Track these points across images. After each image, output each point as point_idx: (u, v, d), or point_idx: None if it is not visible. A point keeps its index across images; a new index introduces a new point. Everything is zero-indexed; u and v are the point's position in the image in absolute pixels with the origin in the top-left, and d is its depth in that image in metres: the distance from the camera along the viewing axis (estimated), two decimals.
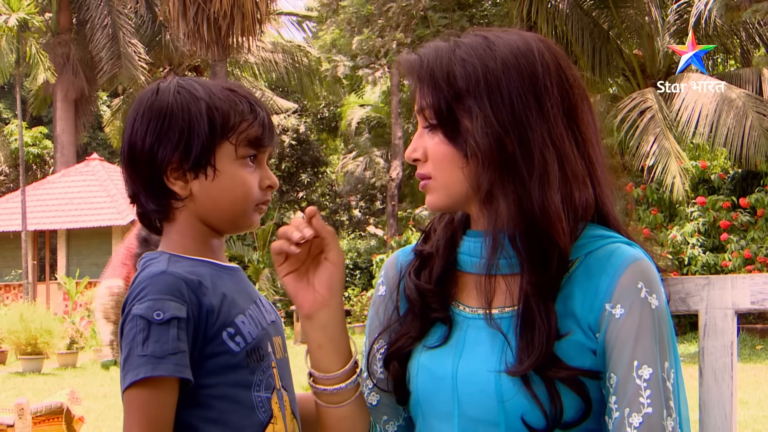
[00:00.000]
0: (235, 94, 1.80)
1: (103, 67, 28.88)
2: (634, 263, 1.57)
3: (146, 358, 1.61)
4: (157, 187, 1.77)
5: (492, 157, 1.58)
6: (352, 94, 36.96)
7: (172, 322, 1.64)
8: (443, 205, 1.68)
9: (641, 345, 1.53)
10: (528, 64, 1.60)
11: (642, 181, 17.10)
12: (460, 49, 1.63)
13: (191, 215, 1.79)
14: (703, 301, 1.82)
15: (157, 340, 1.62)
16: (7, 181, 37.41)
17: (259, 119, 1.79)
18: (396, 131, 28.69)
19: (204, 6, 22.59)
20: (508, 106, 1.58)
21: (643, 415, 1.50)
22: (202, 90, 1.78)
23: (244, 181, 1.78)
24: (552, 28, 18.32)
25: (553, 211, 1.57)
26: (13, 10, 24.53)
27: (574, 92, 1.65)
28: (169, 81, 1.81)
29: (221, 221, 1.80)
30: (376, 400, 1.82)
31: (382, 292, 1.85)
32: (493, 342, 1.62)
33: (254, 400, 1.74)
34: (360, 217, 39.63)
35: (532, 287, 1.58)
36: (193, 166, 1.75)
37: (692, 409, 1.61)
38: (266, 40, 30.97)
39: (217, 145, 1.75)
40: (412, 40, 21.50)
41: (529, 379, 1.55)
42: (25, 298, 24.42)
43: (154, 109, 1.77)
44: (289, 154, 37.53)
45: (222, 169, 1.76)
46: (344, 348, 1.77)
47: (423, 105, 1.64)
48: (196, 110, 1.75)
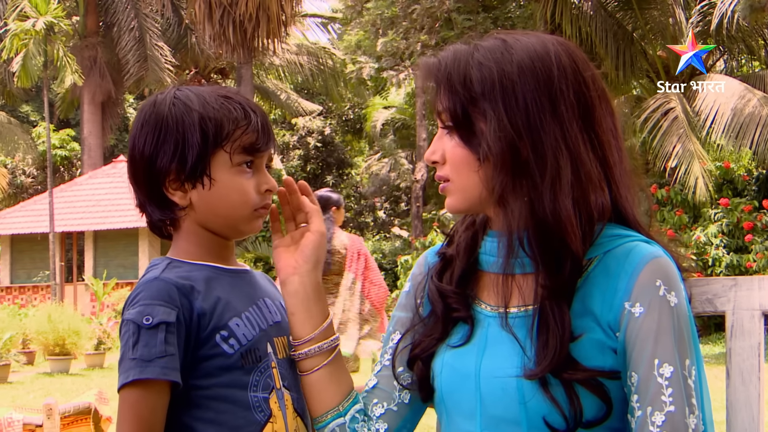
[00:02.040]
0: (229, 101, 1.82)
1: (129, 69, 29.03)
2: (652, 261, 1.58)
3: (135, 362, 1.66)
4: (159, 198, 1.82)
5: (505, 161, 1.59)
6: (377, 96, 36.88)
7: (161, 326, 1.68)
8: (461, 207, 1.70)
9: (661, 343, 1.53)
10: (544, 67, 1.61)
11: (666, 182, 17.03)
12: (479, 52, 1.64)
13: (193, 223, 1.83)
14: (730, 302, 1.82)
15: (146, 344, 1.67)
16: (35, 183, 37.65)
17: (253, 125, 1.81)
18: (420, 133, 28.64)
19: (230, 9, 22.68)
20: (522, 110, 1.59)
21: (665, 414, 1.51)
22: (197, 100, 1.80)
23: (240, 188, 1.81)
24: (576, 30, 18.21)
25: (564, 214, 1.57)
26: (41, 14, 24.58)
27: (592, 95, 1.64)
28: (167, 93, 1.85)
29: (222, 227, 1.83)
30: (373, 384, 1.85)
31: (407, 289, 1.87)
32: (514, 341, 1.63)
33: (251, 400, 1.77)
34: (385, 219, 39.50)
35: (545, 289, 1.59)
36: (189, 177, 1.79)
37: (719, 410, 1.60)
38: (291, 43, 31.05)
39: (212, 155, 1.78)
40: (437, 42, 21.50)
41: (547, 382, 1.56)
42: (52, 299, 24.59)
43: (150, 122, 1.81)
44: (314, 156, 37.55)
45: (218, 177, 1.79)
46: (316, 314, 1.82)
47: (441, 108, 1.66)
48: (189, 122, 1.78)
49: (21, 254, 29.09)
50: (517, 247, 1.61)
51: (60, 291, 25.81)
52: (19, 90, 30.03)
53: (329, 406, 1.82)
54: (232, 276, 1.86)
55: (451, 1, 21.08)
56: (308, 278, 1.83)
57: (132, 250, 27.20)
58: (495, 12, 23.82)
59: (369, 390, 1.85)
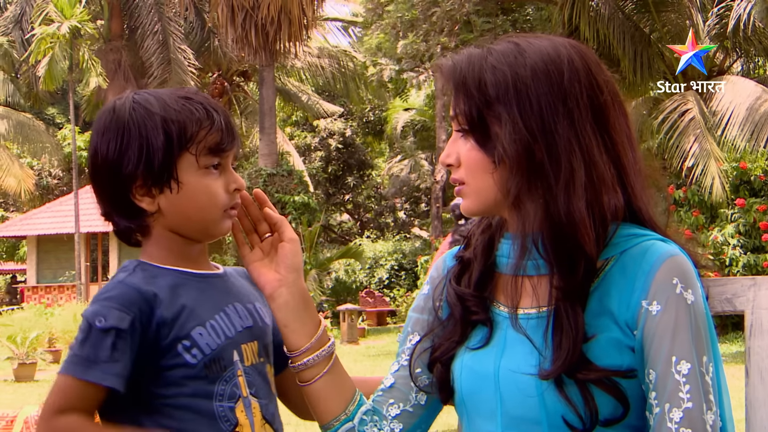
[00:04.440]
0: (190, 102, 1.78)
1: (153, 72, 29.02)
2: (669, 259, 1.58)
3: (80, 359, 1.66)
4: (126, 206, 1.78)
5: (520, 164, 1.59)
6: (397, 98, 36.91)
7: (111, 331, 1.66)
8: (476, 210, 1.70)
9: (678, 340, 1.54)
10: (557, 70, 1.61)
11: (683, 182, 17.08)
12: (492, 56, 1.64)
13: (163, 228, 1.80)
14: (749, 302, 1.81)
15: (94, 346, 1.66)
16: (61, 185, 38.01)
17: (217, 125, 1.78)
18: (440, 134, 28.71)
19: (252, 12, 22.74)
20: (536, 113, 1.59)
21: (683, 410, 1.51)
22: (157, 103, 1.77)
23: (209, 190, 1.78)
24: (594, 32, 18.22)
25: (578, 216, 1.57)
26: (66, 18, 24.76)
27: (605, 97, 1.64)
28: (125, 98, 1.81)
29: (192, 231, 1.81)
30: (390, 384, 1.84)
31: (426, 291, 1.87)
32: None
33: (216, 410, 1.76)
34: (405, 219, 39.59)
35: (559, 291, 1.59)
36: (156, 182, 1.75)
37: (737, 408, 1.61)
38: (313, 46, 31.11)
39: (178, 158, 1.75)
40: (456, 44, 21.56)
41: (562, 382, 1.56)
42: (78, 299, 24.92)
43: (112, 128, 1.77)
44: (336, 158, 37.67)
45: (185, 180, 1.76)
46: (309, 322, 1.82)
47: (456, 111, 1.66)
48: (152, 125, 1.74)
49: (47, 254, 29.43)
50: (531, 248, 1.62)
51: (85, 290, 26.08)
52: (45, 93, 30.20)
53: (336, 413, 1.82)
54: (201, 281, 1.83)
55: (471, 3, 21.18)
56: (295, 288, 1.83)
57: None
58: (514, 15, 23.91)
59: (385, 389, 1.85)
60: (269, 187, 23.58)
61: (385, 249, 30.37)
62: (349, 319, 20.28)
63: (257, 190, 1.88)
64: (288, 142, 34.75)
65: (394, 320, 25.56)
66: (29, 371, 14.34)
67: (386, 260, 29.39)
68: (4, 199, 39.97)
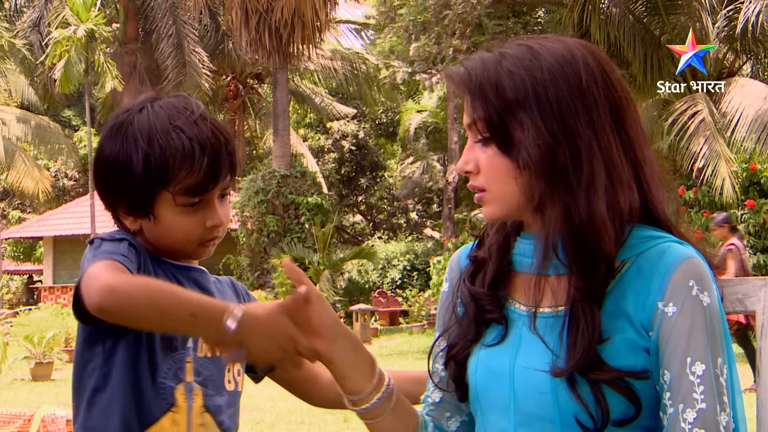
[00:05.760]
0: (179, 135, 1.80)
1: (168, 75, 29.25)
2: (685, 261, 1.57)
3: (100, 255, 1.70)
4: (115, 215, 1.90)
5: (543, 167, 1.59)
6: (410, 100, 36.96)
7: (124, 241, 1.77)
8: (500, 216, 1.68)
9: (694, 342, 1.53)
10: (574, 72, 1.61)
11: (693, 183, 17.13)
12: (506, 60, 1.63)
13: (145, 240, 1.88)
14: (760, 302, 1.80)
15: (110, 247, 1.74)
16: (77, 186, 38.25)
17: (197, 166, 1.79)
18: (452, 136, 28.86)
19: (265, 15, 22.86)
20: (557, 116, 1.58)
21: (697, 411, 1.51)
22: (146, 137, 1.80)
23: (182, 228, 1.84)
24: (605, 35, 18.23)
25: (599, 218, 1.57)
26: (82, 21, 24.84)
27: (620, 96, 1.64)
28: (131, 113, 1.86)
29: (168, 255, 1.89)
30: (439, 398, 1.84)
31: (446, 289, 1.87)
32: (548, 339, 1.64)
33: (158, 385, 1.81)
34: (417, 220, 39.68)
35: (578, 291, 1.59)
36: (136, 211, 1.84)
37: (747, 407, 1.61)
38: (326, 48, 31.08)
39: (156, 194, 1.81)
40: (468, 46, 21.67)
41: (575, 381, 1.56)
42: None
43: (102, 158, 1.86)
44: (349, 159, 37.78)
45: (161, 216, 1.82)
46: (366, 367, 1.73)
47: (475, 118, 1.64)
48: (136, 161, 1.79)
49: (63, 255, 29.63)
50: (552, 250, 1.61)
51: None
52: (61, 95, 30.41)
53: None
54: (180, 271, 1.90)
55: (482, 7, 21.29)
56: (348, 339, 1.72)
57: None
58: (525, 17, 24.03)
59: (436, 404, 1.85)
60: (283, 188, 23.72)
61: (397, 250, 30.38)
62: (362, 319, 20.35)
63: (286, 262, 1.70)
64: (302, 143, 34.87)
65: (406, 320, 25.64)
66: (46, 370, 14.41)
67: (399, 261, 29.41)
68: (21, 201, 40.22)
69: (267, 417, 9.55)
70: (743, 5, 17.45)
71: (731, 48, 18.96)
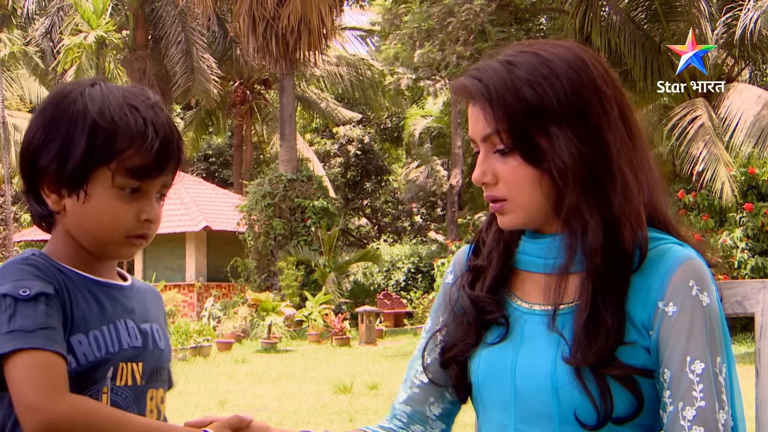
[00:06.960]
0: (133, 113, 1.63)
1: (177, 80, 29.46)
2: (685, 262, 1.58)
3: (15, 333, 1.48)
4: (36, 194, 1.68)
5: (577, 174, 1.58)
6: (414, 106, 36.96)
7: (40, 297, 1.53)
8: (521, 224, 1.67)
9: (693, 341, 1.54)
10: (588, 77, 1.61)
11: (693, 187, 17.29)
12: (519, 69, 1.61)
13: (65, 228, 1.68)
14: (759, 304, 1.81)
15: (25, 316, 1.50)
16: None
17: (148, 147, 1.62)
18: (456, 141, 29.04)
19: (272, 22, 23.09)
20: (584, 122, 1.59)
21: (696, 409, 1.52)
22: (99, 104, 1.62)
23: (114, 212, 1.64)
24: (605, 41, 18.38)
25: (633, 217, 1.59)
26: (93, 28, 25.12)
27: (624, 98, 1.66)
28: (82, 86, 1.67)
29: (88, 245, 1.67)
30: (427, 380, 1.83)
31: (450, 281, 1.86)
32: (550, 336, 1.64)
33: None
34: (421, 224, 39.79)
35: (604, 289, 1.59)
36: (66, 184, 1.63)
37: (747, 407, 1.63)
38: (332, 54, 31.39)
39: (94, 169, 1.61)
40: (471, 53, 21.90)
41: (582, 374, 1.56)
42: None
43: (47, 114, 1.66)
44: (354, 164, 37.94)
45: (94, 194, 1.63)
46: None
47: (498, 129, 1.61)
48: (81, 127, 1.61)
49: None
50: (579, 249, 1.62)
51: None
52: None
53: None
54: (98, 288, 1.68)
55: (485, 14, 21.49)
56: None
57: (179, 254, 27.71)
58: (527, 24, 24.24)
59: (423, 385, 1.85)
60: (289, 192, 23.96)
61: (402, 252, 30.41)
62: (367, 321, 20.32)
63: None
64: (308, 148, 35.06)
65: (411, 322, 25.75)
66: None
67: (403, 263, 29.47)
68: None
69: (274, 417, 9.63)
70: (741, 12, 17.69)
71: (730, 54, 19.14)
